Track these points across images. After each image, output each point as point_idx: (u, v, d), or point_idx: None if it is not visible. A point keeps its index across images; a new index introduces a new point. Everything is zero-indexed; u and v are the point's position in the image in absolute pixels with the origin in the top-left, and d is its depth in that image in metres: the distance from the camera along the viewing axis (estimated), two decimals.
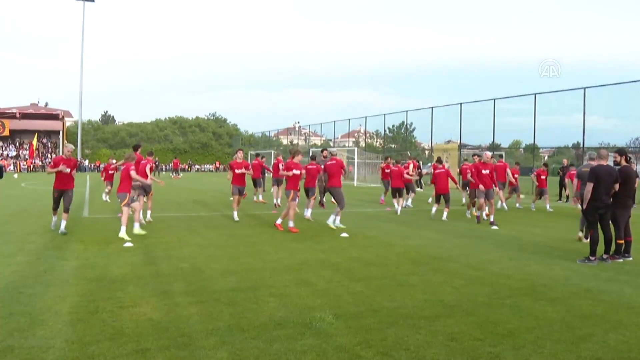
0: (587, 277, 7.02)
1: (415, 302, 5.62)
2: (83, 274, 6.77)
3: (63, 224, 10.24)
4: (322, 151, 16.81)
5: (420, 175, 25.08)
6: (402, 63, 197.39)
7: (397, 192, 15.66)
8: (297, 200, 11.35)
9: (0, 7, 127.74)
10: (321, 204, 16.00)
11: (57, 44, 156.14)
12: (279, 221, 11.49)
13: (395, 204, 15.61)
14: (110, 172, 18.32)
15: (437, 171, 14.75)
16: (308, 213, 13.36)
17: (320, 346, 4.24)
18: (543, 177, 17.56)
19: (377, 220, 13.76)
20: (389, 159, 17.86)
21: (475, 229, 12.14)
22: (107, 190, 18.44)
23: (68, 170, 10.21)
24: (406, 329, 4.68)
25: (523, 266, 7.68)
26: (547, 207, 17.18)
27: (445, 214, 13.94)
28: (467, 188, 15.39)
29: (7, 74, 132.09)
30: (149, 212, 12.36)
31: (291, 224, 11.12)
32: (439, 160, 16.27)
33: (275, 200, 17.03)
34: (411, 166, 19.46)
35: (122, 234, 9.65)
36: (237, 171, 12.68)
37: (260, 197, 18.74)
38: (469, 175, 13.65)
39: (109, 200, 17.89)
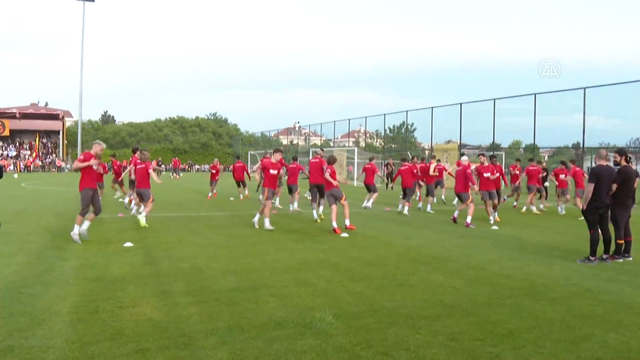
0: (587, 277, 7.02)
1: (415, 302, 5.62)
2: (83, 274, 6.77)
3: (87, 224, 9.56)
4: (321, 150, 17.93)
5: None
6: (402, 63, 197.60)
7: (405, 192, 15.53)
8: (272, 199, 11.70)
9: (0, 7, 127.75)
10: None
11: (57, 44, 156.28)
12: (255, 218, 11.78)
13: (400, 205, 15.66)
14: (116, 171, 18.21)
15: (402, 168, 15.65)
16: (293, 207, 14.87)
17: (320, 346, 4.24)
18: (562, 176, 16.47)
19: (377, 220, 13.76)
20: (374, 159, 17.91)
21: (475, 229, 12.13)
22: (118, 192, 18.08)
23: (99, 167, 10.27)
24: (406, 329, 4.68)
25: (523, 266, 7.68)
26: (559, 209, 16.62)
27: (406, 208, 15.11)
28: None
29: (7, 74, 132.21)
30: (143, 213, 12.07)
31: (267, 222, 11.29)
32: (404, 159, 16.87)
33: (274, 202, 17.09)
34: (433, 165, 18.67)
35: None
36: (271, 171, 11.74)
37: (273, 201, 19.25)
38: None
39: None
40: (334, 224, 10.94)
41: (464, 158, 13.40)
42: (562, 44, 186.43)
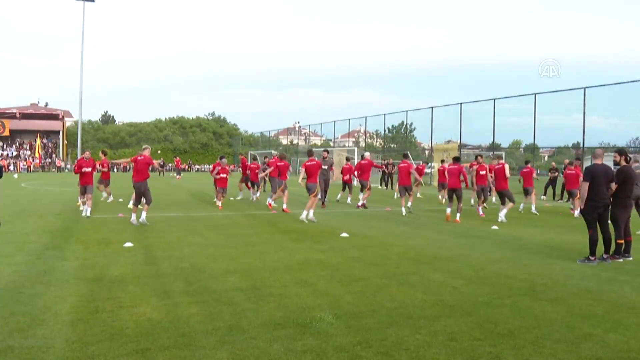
0: (587, 277, 7.02)
1: (415, 302, 5.62)
2: (83, 274, 6.77)
3: (144, 214, 11.92)
4: (323, 151, 18.33)
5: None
6: (402, 63, 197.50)
7: (404, 190, 15.53)
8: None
9: (0, 7, 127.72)
10: (323, 204, 16.85)
11: (57, 44, 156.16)
12: (304, 215, 12.91)
13: (402, 205, 15.68)
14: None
15: (401, 165, 15.86)
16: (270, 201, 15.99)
17: (320, 346, 4.24)
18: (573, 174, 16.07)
19: (377, 220, 13.76)
20: (368, 155, 19.03)
21: (475, 229, 12.14)
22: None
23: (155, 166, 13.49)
24: (406, 329, 4.68)
25: (523, 266, 7.67)
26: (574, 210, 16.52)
27: (403, 209, 15.28)
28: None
29: (7, 74, 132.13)
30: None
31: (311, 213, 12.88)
32: (405, 156, 16.99)
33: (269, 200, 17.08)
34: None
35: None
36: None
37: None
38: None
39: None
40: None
41: (366, 154, 14.78)
42: (562, 44, 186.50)
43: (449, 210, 13.76)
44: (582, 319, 5.12)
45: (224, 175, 16.54)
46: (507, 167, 14.69)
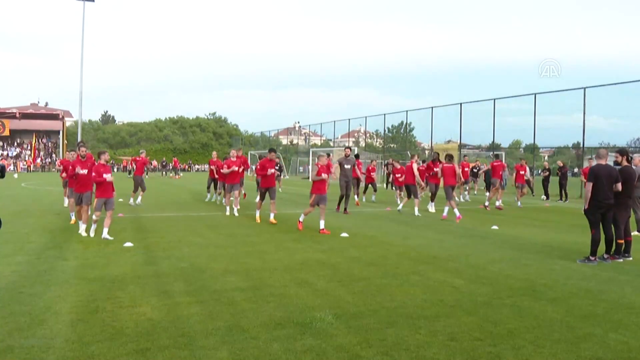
0: (587, 277, 7.01)
1: (415, 302, 5.62)
2: (83, 274, 6.77)
3: (140, 199, 13.57)
4: (345, 149, 16.60)
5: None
6: (402, 63, 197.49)
7: (402, 189, 15.57)
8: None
9: (0, 7, 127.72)
10: (345, 209, 15.14)
11: (57, 44, 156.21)
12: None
13: (399, 202, 15.73)
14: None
15: (445, 166, 15.69)
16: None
17: (320, 346, 4.24)
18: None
19: (377, 220, 13.75)
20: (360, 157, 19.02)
21: (475, 229, 12.14)
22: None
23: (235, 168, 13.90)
24: (406, 329, 4.68)
25: (523, 266, 7.67)
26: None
27: (400, 206, 15.84)
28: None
29: (7, 74, 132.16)
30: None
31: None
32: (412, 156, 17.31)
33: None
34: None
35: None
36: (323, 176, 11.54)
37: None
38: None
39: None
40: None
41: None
42: (562, 44, 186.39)
43: (448, 209, 13.91)
44: (582, 319, 5.12)
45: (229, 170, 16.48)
46: (415, 166, 15.64)
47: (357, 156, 17.83)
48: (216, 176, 17.33)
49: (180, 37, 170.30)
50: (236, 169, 13.99)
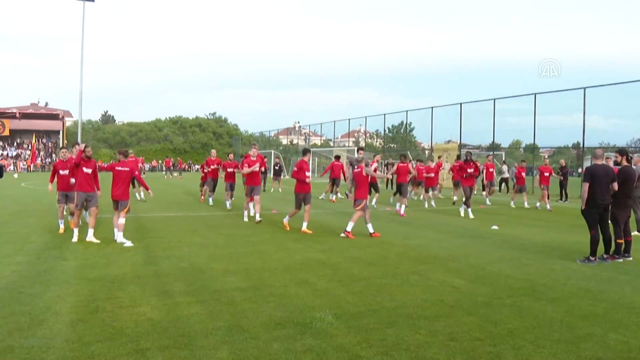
0: (587, 277, 7.02)
1: (415, 302, 5.62)
2: (83, 274, 6.77)
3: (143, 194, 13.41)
4: (358, 150, 15.77)
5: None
6: (402, 63, 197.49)
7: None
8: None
9: (0, 7, 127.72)
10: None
11: (57, 44, 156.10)
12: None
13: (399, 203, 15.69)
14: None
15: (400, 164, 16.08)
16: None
17: (320, 346, 4.24)
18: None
19: (377, 220, 13.72)
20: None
21: (475, 229, 12.14)
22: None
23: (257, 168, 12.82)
24: (406, 329, 4.68)
25: (523, 266, 7.67)
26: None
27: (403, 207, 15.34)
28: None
29: (7, 74, 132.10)
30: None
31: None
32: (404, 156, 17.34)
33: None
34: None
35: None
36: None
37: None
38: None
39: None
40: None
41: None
42: (562, 44, 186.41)
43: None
44: (582, 319, 5.12)
45: (231, 170, 16.35)
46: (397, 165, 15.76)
47: (337, 157, 18.22)
48: (221, 176, 17.45)
49: (180, 37, 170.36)
50: (257, 169, 12.95)
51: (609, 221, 8.22)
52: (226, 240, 9.75)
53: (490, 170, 19.31)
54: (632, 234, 8.84)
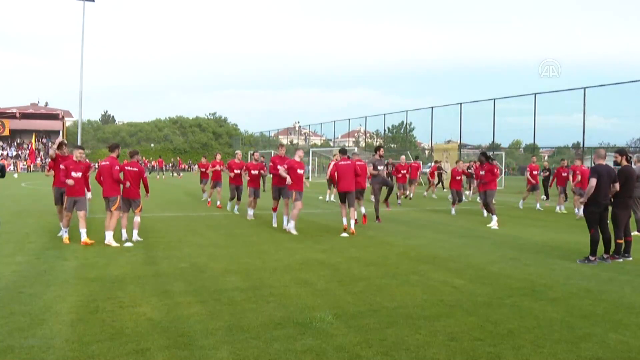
0: (587, 277, 7.01)
1: (415, 302, 5.62)
2: (83, 274, 6.77)
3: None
4: (377, 150, 13.94)
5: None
6: (402, 63, 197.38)
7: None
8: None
9: (0, 7, 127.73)
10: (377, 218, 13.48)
11: (57, 44, 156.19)
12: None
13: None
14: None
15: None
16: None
17: (320, 346, 4.24)
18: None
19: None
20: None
21: (475, 229, 12.14)
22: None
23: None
24: (406, 329, 4.68)
25: (523, 266, 7.67)
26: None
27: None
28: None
29: (7, 74, 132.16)
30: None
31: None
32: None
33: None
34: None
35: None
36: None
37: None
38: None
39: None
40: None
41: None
42: (562, 44, 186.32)
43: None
44: (582, 319, 5.12)
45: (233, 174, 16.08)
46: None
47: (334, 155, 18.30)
48: (231, 175, 15.17)
49: (180, 37, 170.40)
50: (255, 172, 13.34)
51: (609, 221, 8.22)
52: (226, 240, 9.75)
53: (564, 175, 18.72)
54: (632, 234, 8.84)
